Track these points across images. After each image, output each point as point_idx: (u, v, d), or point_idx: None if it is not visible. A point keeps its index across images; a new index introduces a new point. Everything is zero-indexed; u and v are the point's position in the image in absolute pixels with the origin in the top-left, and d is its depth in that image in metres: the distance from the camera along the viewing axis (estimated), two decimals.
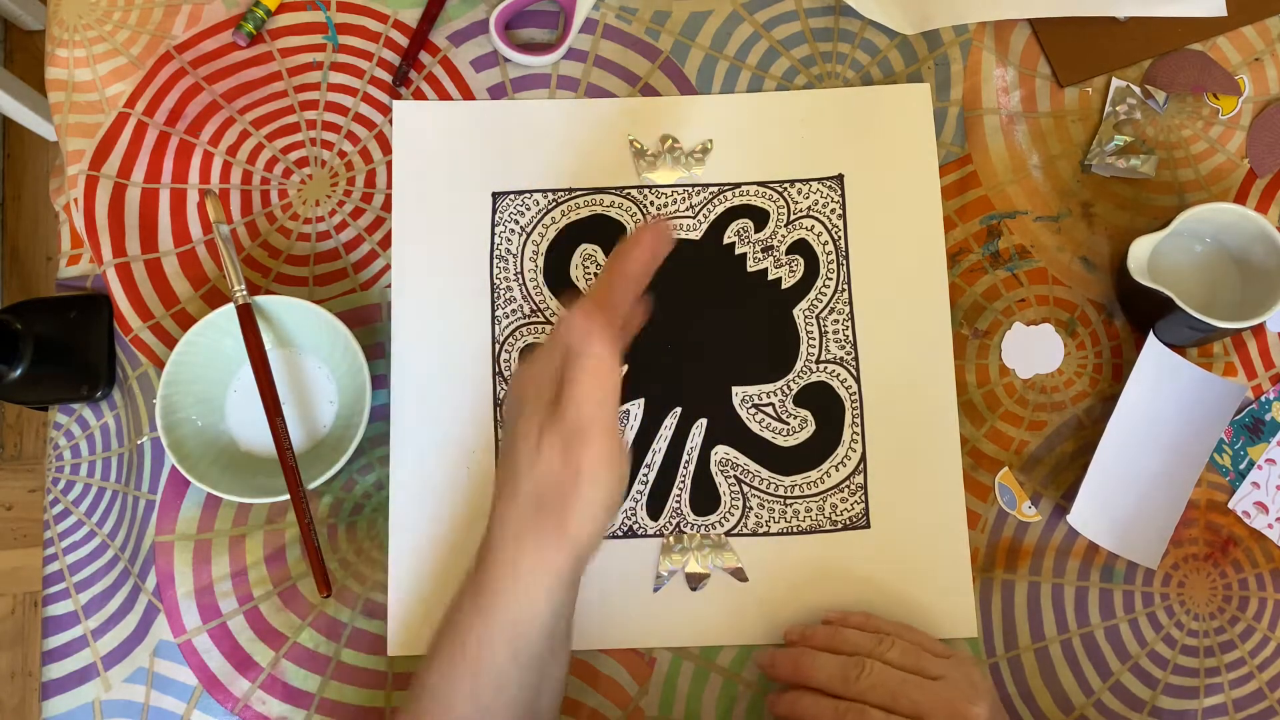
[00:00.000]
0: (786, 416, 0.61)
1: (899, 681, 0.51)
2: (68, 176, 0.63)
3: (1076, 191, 0.65)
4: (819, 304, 0.62)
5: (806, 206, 0.63)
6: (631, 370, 0.61)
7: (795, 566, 0.59)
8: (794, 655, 0.55)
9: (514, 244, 0.63)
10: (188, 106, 0.64)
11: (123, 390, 0.61)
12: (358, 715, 0.57)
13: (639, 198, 0.63)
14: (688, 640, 0.58)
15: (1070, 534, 0.60)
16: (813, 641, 0.55)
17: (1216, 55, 0.66)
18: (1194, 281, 0.62)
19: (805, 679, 0.54)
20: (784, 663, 0.55)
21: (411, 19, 0.66)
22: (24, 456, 1.42)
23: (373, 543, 0.59)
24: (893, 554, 0.59)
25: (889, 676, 0.51)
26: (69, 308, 0.62)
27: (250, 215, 0.63)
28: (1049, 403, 0.62)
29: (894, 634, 0.54)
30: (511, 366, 0.61)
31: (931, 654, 0.53)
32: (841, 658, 0.53)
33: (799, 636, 0.56)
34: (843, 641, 0.54)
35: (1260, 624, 0.60)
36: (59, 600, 0.59)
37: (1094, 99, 0.66)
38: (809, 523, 0.59)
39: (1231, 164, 0.65)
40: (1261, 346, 0.63)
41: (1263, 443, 0.62)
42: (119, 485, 0.61)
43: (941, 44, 0.66)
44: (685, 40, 0.66)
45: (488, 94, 0.65)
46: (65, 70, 0.65)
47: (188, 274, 0.62)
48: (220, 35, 0.65)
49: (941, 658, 0.53)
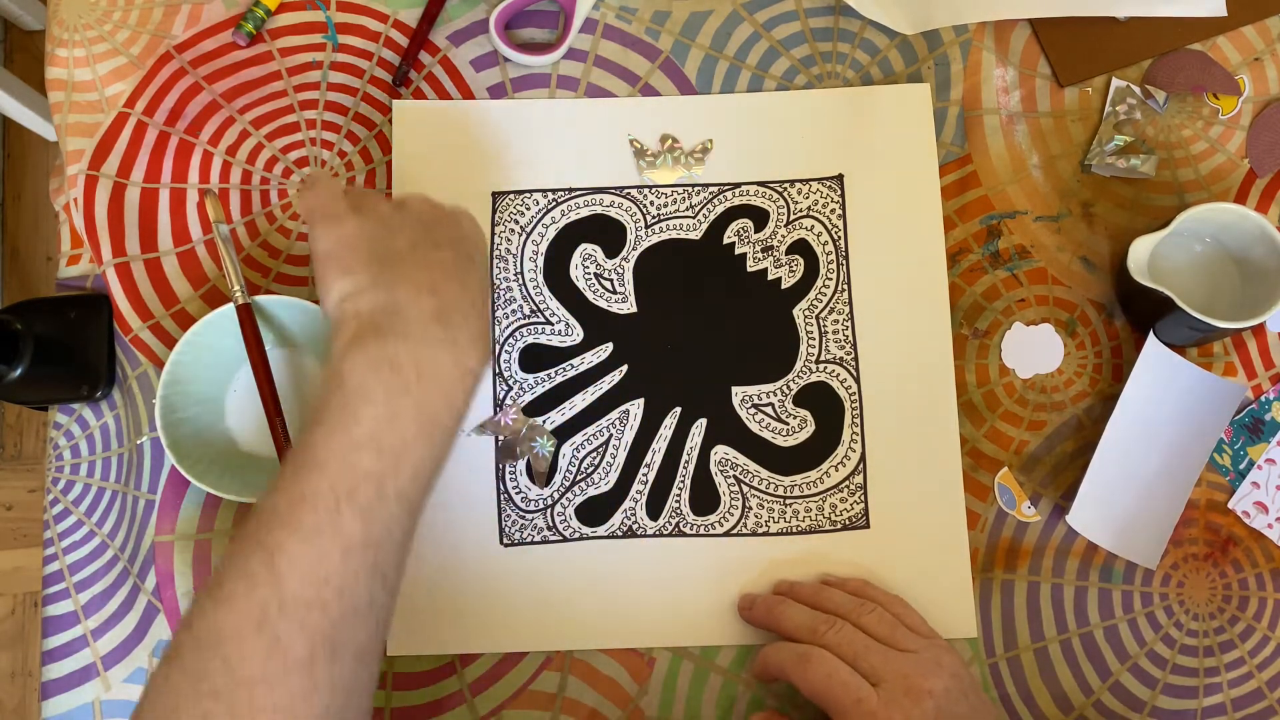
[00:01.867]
0: (786, 416, 0.61)
1: (864, 644, 0.52)
2: (67, 176, 0.63)
3: (1076, 191, 0.65)
4: (819, 304, 0.62)
5: (806, 206, 0.63)
6: (631, 370, 0.61)
7: (795, 567, 0.59)
8: (771, 601, 0.56)
9: (514, 244, 0.63)
10: (187, 106, 0.64)
11: (123, 390, 0.61)
12: None
13: (639, 198, 0.63)
14: (688, 640, 0.58)
15: (1070, 534, 0.60)
16: (797, 594, 0.56)
17: (1216, 55, 0.66)
18: (1194, 281, 0.62)
19: (776, 624, 0.55)
20: (761, 606, 0.56)
21: (411, 19, 0.66)
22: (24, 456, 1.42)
23: None
24: (892, 554, 0.59)
25: (855, 638, 0.52)
26: (69, 308, 0.62)
27: (250, 215, 0.63)
28: (1049, 403, 0.62)
29: (881, 604, 0.55)
30: (512, 366, 0.61)
31: (912, 630, 0.54)
32: (815, 612, 0.54)
33: (787, 589, 0.57)
34: (826, 599, 0.55)
35: (1260, 624, 0.60)
36: (59, 600, 0.59)
37: (1094, 99, 0.66)
38: (808, 523, 0.59)
39: (1231, 164, 0.65)
40: (1261, 346, 0.63)
41: (1263, 443, 0.62)
42: (119, 485, 0.61)
43: (941, 44, 0.66)
44: (685, 40, 0.66)
45: (488, 94, 0.65)
46: (65, 70, 0.65)
47: (187, 274, 0.62)
48: (220, 35, 0.65)
49: (920, 636, 0.53)
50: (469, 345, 0.48)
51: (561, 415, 0.61)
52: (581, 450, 0.60)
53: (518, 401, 0.60)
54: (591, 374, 0.61)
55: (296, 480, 0.44)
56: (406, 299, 0.47)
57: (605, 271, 0.62)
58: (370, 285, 0.48)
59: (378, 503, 0.44)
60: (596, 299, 0.62)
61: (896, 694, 0.50)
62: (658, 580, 0.59)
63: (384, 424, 0.45)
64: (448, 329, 0.47)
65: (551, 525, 0.59)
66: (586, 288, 0.62)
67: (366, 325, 0.47)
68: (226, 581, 0.43)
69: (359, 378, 0.45)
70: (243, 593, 0.42)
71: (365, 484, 0.44)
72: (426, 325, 0.47)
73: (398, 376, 0.45)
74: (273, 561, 0.42)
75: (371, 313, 0.47)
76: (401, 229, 0.51)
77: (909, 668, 0.51)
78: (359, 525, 0.43)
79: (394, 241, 0.50)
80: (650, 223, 0.63)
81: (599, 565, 0.59)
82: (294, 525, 0.43)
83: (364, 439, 0.44)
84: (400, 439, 0.45)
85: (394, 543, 0.45)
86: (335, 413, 0.45)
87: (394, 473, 0.45)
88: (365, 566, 0.44)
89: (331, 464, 0.44)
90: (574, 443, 0.60)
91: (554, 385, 0.61)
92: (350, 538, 0.43)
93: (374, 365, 0.46)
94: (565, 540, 0.59)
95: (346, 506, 0.43)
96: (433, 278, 0.49)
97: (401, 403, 0.45)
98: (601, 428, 0.60)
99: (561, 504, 0.60)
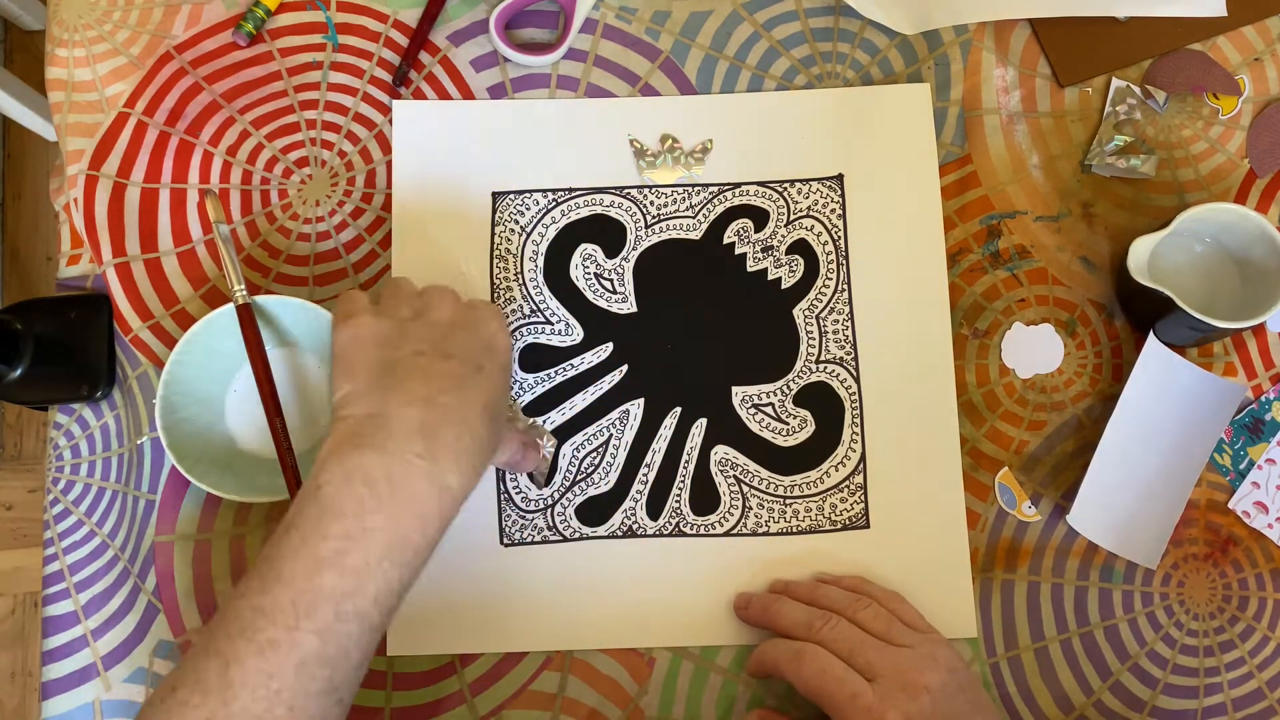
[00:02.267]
0: (786, 416, 0.61)
1: (859, 640, 0.52)
2: (67, 176, 0.63)
3: (1076, 191, 0.65)
4: (819, 304, 0.62)
5: (806, 206, 0.63)
6: (631, 370, 0.61)
7: (795, 566, 0.59)
8: (767, 600, 0.56)
9: (514, 244, 0.63)
10: (188, 106, 0.64)
11: (123, 390, 0.61)
12: (358, 715, 0.57)
13: (639, 198, 0.63)
14: (688, 640, 0.58)
15: (1070, 534, 0.60)
16: (793, 592, 0.56)
17: (1216, 55, 0.66)
18: (1194, 281, 0.62)
19: (772, 622, 0.55)
20: (756, 605, 0.56)
21: (411, 19, 0.66)
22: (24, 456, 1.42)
23: None
24: (892, 554, 0.59)
25: (852, 633, 0.52)
26: (69, 308, 0.62)
27: (250, 215, 0.63)
28: (1049, 403, 0.62)
29: (878, 599, 0.55)
30: (511, 366, 0.61)
31: (908, 625, 0.53)
32: (811, 609, 0.54)
33: (783, 587, 0.57)
34: (821, 596, 0.55)
35: (1260, 624, 0.60)
36: (59, 600, 0.59)
37: (1094, 99, 0.66)
38: (808, 523, 0.59)
39: (1231, 164, 0.65)
40: (1261, 346, 0.63)
41: (1263, 443, 0.62)
42: (119, 485, 0.61)
43: (941, 44, 0.66)
44: (685, 40, 0.66)
45: (488, 94, 0.65)
46: (65, 70, 0.65)
47: (188, 274, 0.62)
48: (220, 35, 0.65)
49: (916, 631, 0.53)
50: (450, 463, 0.47)
51: (561, 415, 0.61)
52: (581, 450, 0.60)
53: (517, 401, 0.60)
54: (591, 374, 0.61)
55: (260, 590, 0.44)
56: (395, 409, 0.47)
57: (605, 271, 0.62)
58: (366, 391, 0.48)
59: (336, 623, 0.44)
60: (596, 299, 0.62)
61: (892, 689, 0.49)
62: (658, 580, 0.59)
63: (351, 542, 0.44)
64: (430, 444, 0.46)
65: (551, 525, 0.59)
66: (586, 288, 0.62)
67: (349, 434, 0.47)
68: (180, 687, 0.43)
69: (333, 489, 0.45)
70: (195, 703, 0.42)
71: (325, 604, 0.44)
72: (408, 439, 0.46)
73: (371, 491, 0.45)
74: (227, 673, 0.42)
75: (359, 420, 0.47)
76: (413, 335, 0.50)
77: (905, 663, 0.51)
78: (315, 643, 0.43)
79: (401, 348, 0.49)
80: (650, 223, 0.63)
81: (599, 565, 0.59)
82: (251, 636, 0.43)
83: (329, 556, 0.44)
84: (364, 560, 0.45)
85: (350, 663, 0.45)
86: (307, 524, 0.45)
87: (356, 593, 0.44)
88: (319, 683, 0.44)
89: (296, 580, 0.44)
90: (574, 443, 0.60)
91: (554, 385, 0.61)
92: (306, 654, 0.43)
93: (348, 478, 0.45)
94: (565, 540, 0.59)
95: (305, 623, 0.43)
96: (429, 390, 0.48)
97: (372, 520, 0.45)
98: (601, 428, 0.60)
99: (562, 504, 0.60)
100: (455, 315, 0.52)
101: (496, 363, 0.52)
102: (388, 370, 0.49)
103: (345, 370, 0.49)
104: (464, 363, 0.50)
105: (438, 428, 0.47)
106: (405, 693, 0.57)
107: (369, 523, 0.45)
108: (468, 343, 0.51)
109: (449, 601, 0.58)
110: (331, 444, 0.47)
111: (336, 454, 0.46)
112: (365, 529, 0.45)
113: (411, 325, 0.51)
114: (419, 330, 0.51)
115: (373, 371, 0.49)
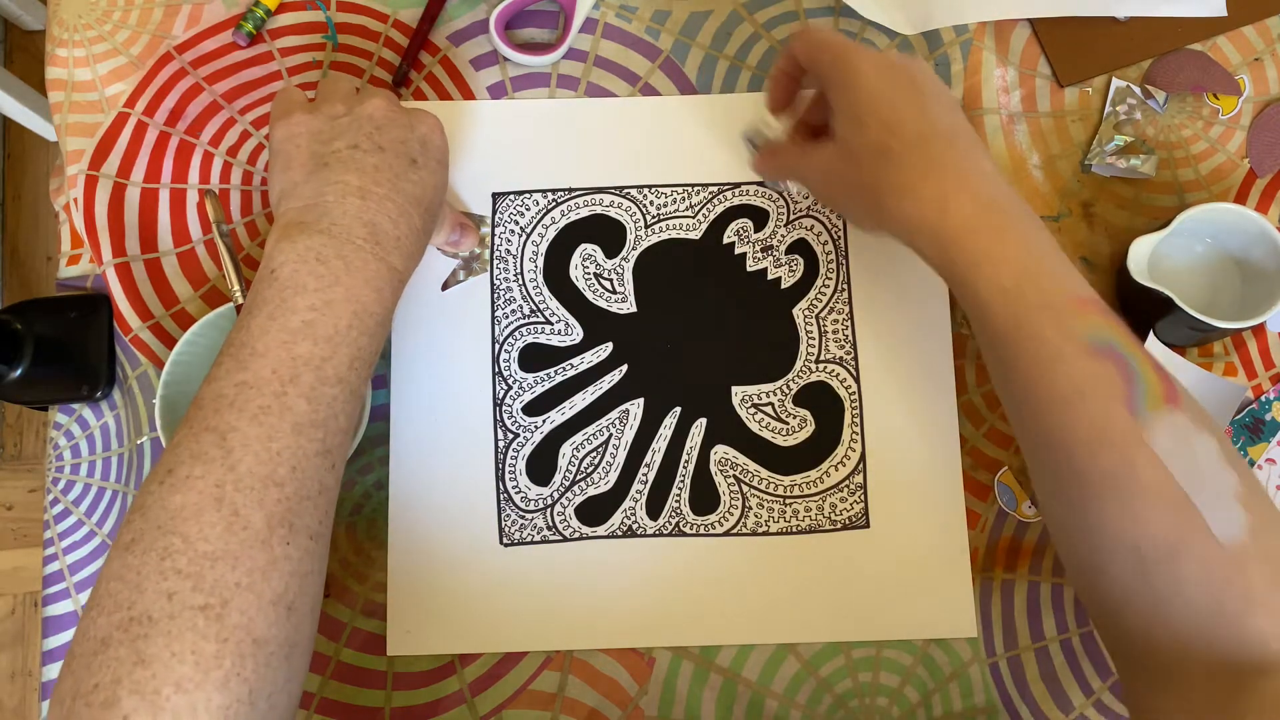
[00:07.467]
0: (786, 416, 0.61)
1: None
2: (67, 176, 0.63)
3: (1076, 191, 0.65)
4: (819, 304, 0.62)
5: (806, 206, 0.63)
6: (631, 370, 0.61)
7: (795, 566, 0.59)
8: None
9: (514, 244, 0.63)
10: (188, 106, 0.64)
11: (123, 390, 0.61)
12: (358, 715, 0.57)
13: (638, 197, 0.63)
14: (688, 640, 0.58)
15: None
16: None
17: (1216, 55, 0.66)
18: (1194, 281, 0.62)
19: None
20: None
21: (411, 19, 0.66)
22: (24, 456, 1.42)
23: (373, 543, 0.59)
24: (892, 554, 0.59)
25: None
26: (69, 308, 0.62)
27: (250, 215, 0.63)
28: None
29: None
30: (512, 366, 0.61)
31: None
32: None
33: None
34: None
35: None
36: (59, 600, 0.59)
37: (1094, 99, 0.66)
38: (808, 522, 0.59)
39: (1231, 164, 0.65)
40: (1261, 346, 0.63)
41: (1263, 443, 0.62)
42: (119, 485, 0.61)
43: (941, 44, 0.66)
44: (685, 40, 0.66)
45: (488, 94, 0.65)
46: (65, 70, 0.65)
47: (187, 274, 0.62)
48: (220, 35, 0.65)
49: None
50: (392, 247, 0.50)
51: (561, 415, 0.61)
52: (581, 450, 0.60)
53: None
54: (591, 374, 0.61)
55: (239, 368, 0.45)
56: (334, 200, 0.49)
57: (605, 271, 0.62)
58: (303, 182, 0.50)
59: (320, 386, 0.45)
60: (596, 299, 0.62)
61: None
62: (658, 580, 0.59)
63: (318, 314, 0.46)
64: (370, 230, 0.49)
65: (551, 525, 0.59)
66: (586, 288, 0.62)
67: (294, 222, 0.49)
68: (179, 466, 0.43)
69: (291, 269, 0.47)
70: (198, 474, 0.42)
71: (306, 370, 0.45)
72: (350, 226, 0.48)
73: (327, 268, 0.47)
74: (225, 442, 0.43)
75: (300, 210, 0.49)
76: (346, 130, 0.52)
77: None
78: (305, 406, 0.45)
79: (335, 142, 0.51)
80: (650, 222, 0.63)
81: (599, 565, 0.59)
82: (241, 407, 0.44)
83: (300, 328, 0.46)
84: (334, 328, 0.46)
85: (338, 427, 0.46)
86: (271, 304, 0.46)
87: (332, 358, 0.46)
88: (315, 444, 0.45)
89: (272, 352, 0.45)
90: (574, 442, 0.60)
91: (554, 385, 0.61)
92: (299, 417, 0.44)
93: (302, 258, 0.47)
94: (565, 540, 0.59)
95: (291, 389, 0.45)
96: (363, 181, 0.50)
97: (332, 293, 0.47)
98: (601, 427, 0.60)
99: (561, 504, 0.60)
100: (389, 112, 0.53)
101: (431, 158, 0.54)
102: (322, 164, 0.50)
103: (282, 165, 0.51)
104: (398, 156, 0.52)
105: (375, 216, 0.49)
106: (405, 692, 0.57)
107: (331, 295, 0.47)
108: (401, 137, 0.52)
109: (449, 601, 0.58)
110: (278, 233, 0.48)
111: (287, 239, 0.48)
112: (328, 301, 0.47)
113: (345, 121, 0.52)
114: (352, 125, 0.52)
115: (308, 166, 0.51)
